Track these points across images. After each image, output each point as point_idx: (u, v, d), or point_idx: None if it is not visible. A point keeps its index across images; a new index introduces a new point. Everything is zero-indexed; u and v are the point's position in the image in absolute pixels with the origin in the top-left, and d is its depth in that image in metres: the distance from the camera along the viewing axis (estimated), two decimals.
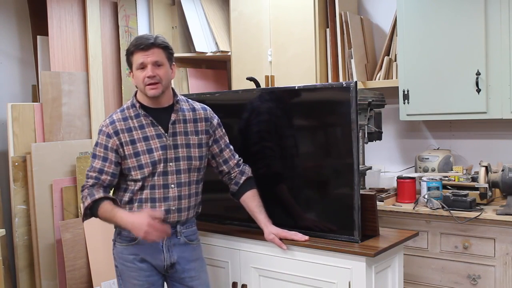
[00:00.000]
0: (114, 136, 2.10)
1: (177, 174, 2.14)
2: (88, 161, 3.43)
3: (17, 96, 3.58)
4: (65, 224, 3.32)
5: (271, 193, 2.41)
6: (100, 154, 2.12)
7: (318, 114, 2.34)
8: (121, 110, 2.19)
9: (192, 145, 2.18)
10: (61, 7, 3.51)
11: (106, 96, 3.72)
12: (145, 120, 2.13)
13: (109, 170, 2.11)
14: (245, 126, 2.50)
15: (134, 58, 2.09)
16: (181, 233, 2.19)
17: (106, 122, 2.15)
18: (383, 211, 2.89)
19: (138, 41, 2.09)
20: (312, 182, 2.37)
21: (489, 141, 3.19)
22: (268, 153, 2.44)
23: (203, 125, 2.23)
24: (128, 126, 2.12)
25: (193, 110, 2.23)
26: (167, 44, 2.13)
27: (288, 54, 3.41)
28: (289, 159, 2.42)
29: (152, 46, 2.06)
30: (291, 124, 2.42)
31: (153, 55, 2.06)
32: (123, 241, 2.17)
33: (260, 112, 2.45)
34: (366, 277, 2.06)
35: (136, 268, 2.14)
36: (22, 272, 3.30)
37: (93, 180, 2.11)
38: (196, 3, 3.93)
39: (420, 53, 3.03)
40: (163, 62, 2.10)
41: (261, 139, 2.44)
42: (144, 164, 2.09)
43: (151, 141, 2.11)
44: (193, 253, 2.23)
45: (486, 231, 2.65)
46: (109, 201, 2.09)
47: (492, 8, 2.77)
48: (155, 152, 2.10)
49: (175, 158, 2.13)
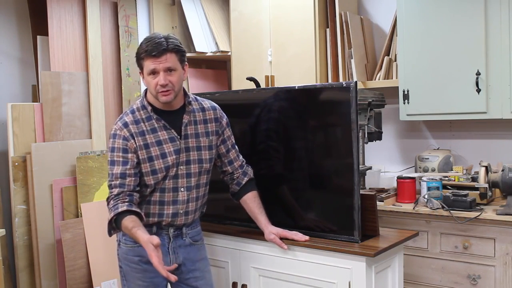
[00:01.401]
0: (131, 139, 2.03)
1: (187, 178, 2.10)
2: (89, 161, 3.45)
3: (17, 96, 3.57)
4: (65, 224, 3.32)
5: (271, 192, 2.41)
6: (119, 159, 2.03)
7: (318, 114, 2.34)
8: (131, 111, 2.10)
9: (203, 147, 2.13)
10: (61, 7, 3.51)
11: (106, 96, 3.72)
12: (157, 123, 2.07)
13: (131, 172, 2.02)
14: (249, 126, 2.50)
15: (145, 63, 2.00)
16: (186, 235, 2.17)
17: (119, 125, 2.06)
18: (383, 211, 2.89)
19: (149, 45, 1.96)
20: (312, 182, 2.37)
21: (489, 141, 3.19)
22: (272, 153, 2.44)
23: (213, 126, 2.18)
24: (141, 130, 2.05)
25: (202, 110, 2.18)
26: (179, 47, 2.02)
27: (288, 54, 3.41)
28: (289, 159, 2.41)
29: (165, 52, 1.96)
30: (291, 124, 2.42)
31: (166, 62, 1.97)
32: (129, 242, 2.13)
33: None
34: (366, 277, 2.06)
35: (141, 269, 2.12)
36: (22, 272, 3.30)
37: (117, 188, 2.00)
38: (196, 3, 3.93)
39: (420, 53, 3.03)
40: (176, 67, 2.01)
41: (268, 138, 2.43)
42: (158, 169, 2.04)
43: (164, 145, 2.05)
44: (198, 253, 2.22)
45: (486, 231, 2.65)
46: (131, 216, 1.96)
47: (492, 8, 2.77)
48: (168, 157, 2.05)
49: (186, 162, 2.09)
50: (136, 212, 1.99)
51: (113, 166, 2.03)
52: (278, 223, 2.29)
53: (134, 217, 1.96)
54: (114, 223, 2.00)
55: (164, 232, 2.14)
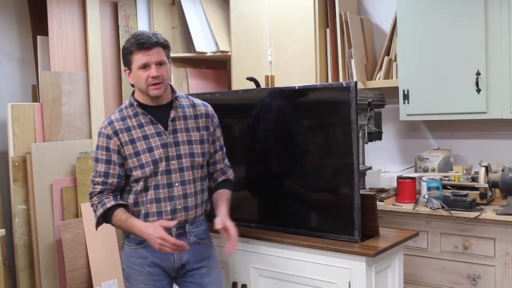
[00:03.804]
0: (114, 137, 2.07)
1: (180, 172, 2.10)
2: (89, 161, 3.45)
3: (17, 96, 3.58)
4: (65, 224, 3.32)
5: (271, 192, 2.41)
6: (102, 157, 2.09)
7: (318, 114, 2.34)
8: (119, 110, 2.15)
9: (194, 141, 2.14)
10: (61, 7, 3.51)
11: (106, 96, 3.72)
12: (143, 118, 2.10)
13: (114, 172, 2.08)
14: (249, 126, 2.50)
15: (135, 58, 2.03)
16: (190, 233, 2.14)
17: (104, 123, 2.12)
18: (383, 211, 2.89)
19: (140, 39, 2.01)
20: (312, 182, 2.37)
21: (489, 141, 3.19)
22: (271, 153, 2.43)
23: (204, 121, 2.19)
24: (127, 126, 2.09)
25: (193, 106, 2.20)
26: (167, 42, 2.10)
27: (288, 54, 3.41)
28: (289, 159, 2.41)
29: (156, 45, 2.02)
30: (290, 124, 2.42)
31: (157, 55, 2.02)
32: (132, 244, 2.13)
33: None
34: (366, 277, 2.06)
35: (144, 273, 2.10)
36: (22, 272, 3.30)
37: (100, 186, 2.08)
38: (196, 3, 3.93)
39: (420, 53, 3.03)
40: (165, 61, 2.06)
41: (267, 138, 2.43)
42: (145, 163, 2.06)
43: (151, 139, 2.08)
44: (204, 251, 2.19)
45: (486, 231, 2.65)
46: (121, 209, 2.07)
47: (492, 8, 2.77)
48: (155, 151, 2.07)
49: (177, 156, 2.09)
50: (125, 205, 2.09)
51: (97, 163, 2.10)
52: (278, 223, 2.29)
53: (124, 209, 2.07)
54: (102, 218, 2.08)
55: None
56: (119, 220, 2.05)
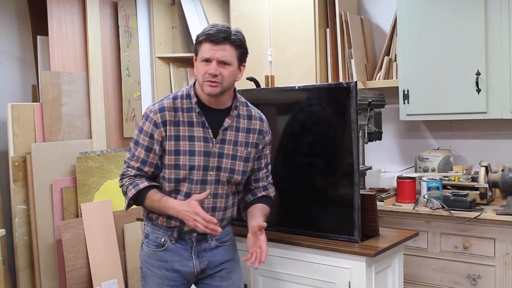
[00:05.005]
0: (161, 127, 1.90)
1: (216, 184, 1.96)
2: (89, 161, 3.45)
3: (17, 96, 3.58)
4: (65, 224, 3.32)
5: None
6: (144, 142, 1.92)
7: (318, 114, 2.34)
8: (173, 97, 1.95)
9: (238, 157, 1.99)
10: (61, 7, 3.51)
11: (106, 96, 3.72)
12: (196, 118, 1.93)
13: (153, 162, 1.93)
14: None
15: (201, 48, 1.86)
16: (212, 237, 2.02)
17: (155, 107, 1.92)
18: (383, 211, 2.89)
19: (211, 30, 1.84)
20: (312, 182, 2.37)
21: (489, 141, 3.19)
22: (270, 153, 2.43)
23: (255, 137, 2.03)
24: (177, 119, 1.91)
25: (249, 118, 2.02)
26: (241, 42, 1.89)
27: (288, 54, 3.41)
28: (289, 159, 2.41)
29: (224, 41, 1.84)
30: (290, 124, 2.42)
31: (222, 52, 1.84)
32: (151, 246, 2.02)
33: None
34: (366, 277, 2.06)
35: (160, 276, 2.00)
36: (22, 272, 3.30)
37: (135, 170, 1.93)
38: (196, 3, 3.93)
39: (420, 53, 3.03)
40: (232, 61, 1.87)
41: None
42: (182, 165, 1.91)
43: (196, 142, 1.92)
44: (225, 254, 2.06)
45: (486, 231, 2.65)
46: (154, 189, 1.93)
47: (492, 9, 2.77)
48: (196, 156, 1.91)
49: (217, 168, 1.94)
50: (158, 186, 1.96)
51: (136, 147, 1.94)
52: (278, 222, 2.29)
53: (157, 190, 1.94)
54: (133, 200, 1.95)
55: (186, 236, 2.00)
56: (152, 201, 1.91)
